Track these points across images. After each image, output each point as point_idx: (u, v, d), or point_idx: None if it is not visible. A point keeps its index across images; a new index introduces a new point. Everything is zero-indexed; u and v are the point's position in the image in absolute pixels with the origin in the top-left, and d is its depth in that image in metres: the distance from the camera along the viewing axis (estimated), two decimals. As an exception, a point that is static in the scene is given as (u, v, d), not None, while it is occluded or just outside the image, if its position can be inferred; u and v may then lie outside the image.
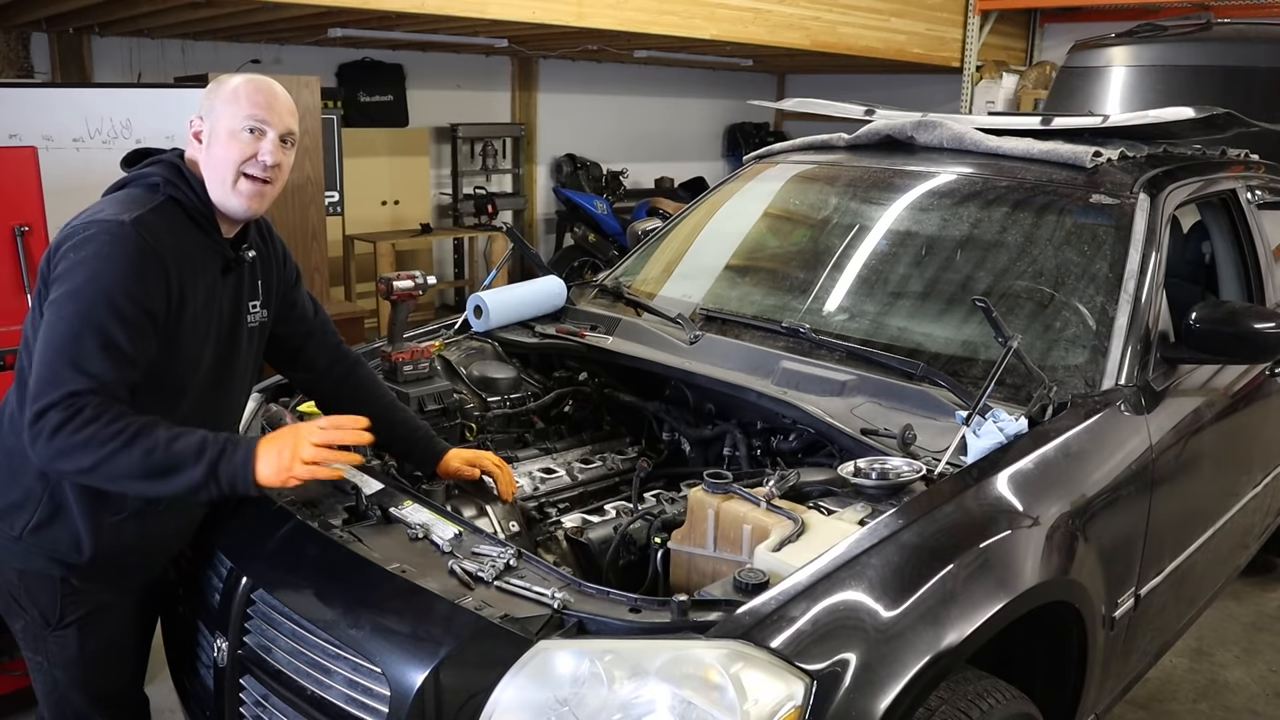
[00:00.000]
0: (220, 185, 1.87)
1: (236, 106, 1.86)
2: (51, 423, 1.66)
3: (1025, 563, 1.84)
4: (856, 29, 7.26)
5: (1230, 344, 2.39)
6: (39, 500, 1.87)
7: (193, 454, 1.70)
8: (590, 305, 3.06)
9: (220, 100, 1.87)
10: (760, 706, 1.42)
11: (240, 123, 1.85)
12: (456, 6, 5.12)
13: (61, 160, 3.75)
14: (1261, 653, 3.54)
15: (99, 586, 1.95)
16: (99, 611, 1.97)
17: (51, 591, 1.92)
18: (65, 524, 1.88)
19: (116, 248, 1.74)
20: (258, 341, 2.08)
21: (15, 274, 2.97)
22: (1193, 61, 4.68)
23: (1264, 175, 3.37)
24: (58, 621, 1.94)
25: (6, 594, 1.96)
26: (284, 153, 1.91)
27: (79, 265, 1.73)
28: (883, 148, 3.21)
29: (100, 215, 1.78)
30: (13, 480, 1.90)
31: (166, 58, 6.75)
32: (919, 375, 2.29)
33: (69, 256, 1.75)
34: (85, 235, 1.76)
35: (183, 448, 1.70)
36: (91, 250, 1.74)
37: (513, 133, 8.64)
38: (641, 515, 2.15)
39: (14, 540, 1.89)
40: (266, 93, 1.88)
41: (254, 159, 1.86)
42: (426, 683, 1.55)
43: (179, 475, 1.69)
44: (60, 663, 1.97)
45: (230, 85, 1.88)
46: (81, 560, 1.89)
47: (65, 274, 1.74)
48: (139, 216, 1.78)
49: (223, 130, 1.86)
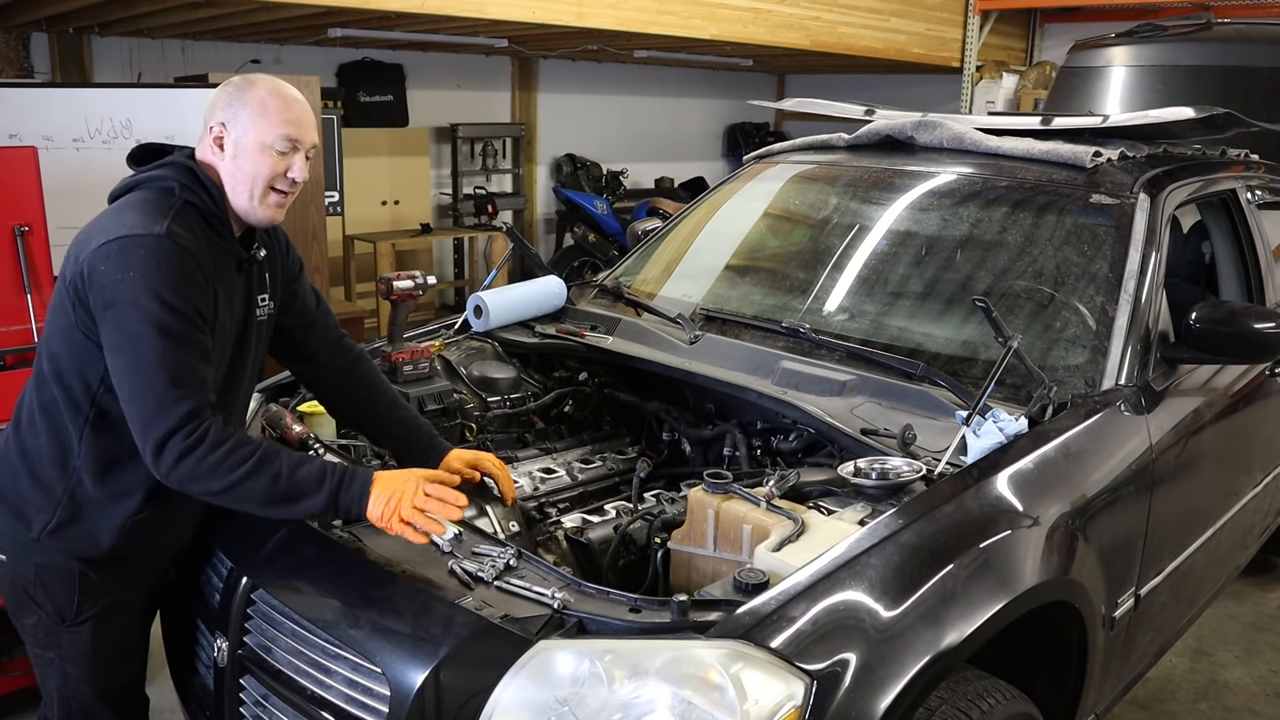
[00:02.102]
0: (247, 197, 1.88)
1: (267, 122, 1.85)
2: (176, 449, 1.71)
3: (1025, 563, 1.84)
4: (856, 29, 7.26)
5: (1230, 344, 2.39)
6: (59, 502, 1.88)
7: (314, 483, 1.78)
8: (590, 305, 3.06)
9: (248, 112, 1.86)
10: (760, 706, 1.42)
11: (272, 140, 1.85)
12: (456, 6, 5.12)
13: (61, 160, 3.75)
14: (1261, 653, 3.54)
15: (116, 582, 1.97)
16: (114, 607, 1.99)
17: (69, 587, 1.93)
18: (85, 524, 1.89)
19: (161, 260, 1.74)
20: (265, 334, 2.09)
21: (15, 274, 2.97)
22: (1193, 61, 4.68)
23: (1264, 175, 3.37)
24: (74, 617, 1.95)
25: (20, 589, 1.96)
26: (308, 167, 1.93)
27: (128, 284, 1.72)
28: (883, 148, 3.21)
29: (130, 230, 1.76)
30: (32, 482, 1.90)
31: (166, 58, 6.75)
32: (919, 375, 2.29)
33: (113, 278, 1.73)
34: (121, 251, 1.74)
35: (304, 476, 1.78)
36: (137, 266, 1.73)
37: (513, 133, 8.64)
38: (641, 515, 2.15)
39: (32, 541, 1.91)
40: (298, 109, 1.88)
41: (284, 175, 1.88)
42: (426, 683, 1.55)
43: (301, 502, 1.78)
44: (73, 658, 1.98)
45: (257, 96, 1.86)
46: (100, 555, 1.91)
47: (117, 296, 1.73)
48: (169, 227, 1.77)
49: (252, 145, 1.85)
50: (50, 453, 1.89)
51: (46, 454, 1.89)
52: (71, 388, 1.85)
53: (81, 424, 1.85)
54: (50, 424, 1.89)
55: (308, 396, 2.48)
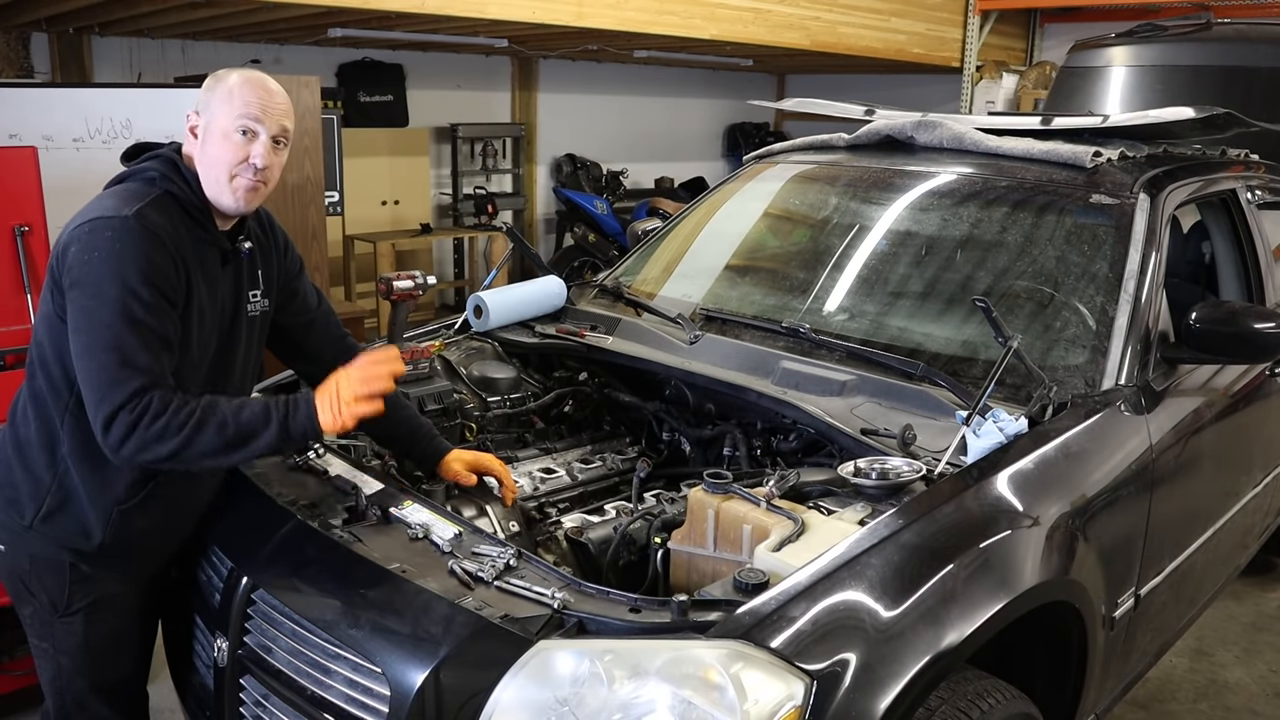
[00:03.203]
0: (214, 183, 1.89)
1: (230, 106, 1.86)
2: (124, 424, 1.72)
3: (1025, 563, 1.84)
4: (856, 29, 7.26)
5: (1230, 344, 2.39)
6: (48, 489, 1.91)
7: (261, 420, 1.79)
8: (590, 305, 3.06)
9: (216, 98, 1.88)
10: (760, 706, 1.42)
11: (234, 123, 1.86)
12: (456, 6, 5.12)
13: (61, 160, 3.74)
14: (1261, 653, 3.54)
15: (107, 574, 1.98)
16: (105, 600, 2.00)
17: (61, 577, 1.95)
18: (74, 512, 1.91)
19: (127, 241, 1.76)
20: (259, 331, 2.09)
21: (15, 274, 2.96)
22: (1193, 61, 4.68)
23: (1264, 175, 3.37)
24: (65, 608, 1.97)
25: (18, 580, 1.99)
26: (276, 154, 1.91)
27: (93, 265, 1.75)
28: (883, 148, 3.21)
29: (101, 212, 1.79)
30: (24, 471, 1.93)
31: (166, 58, 6.75)
32: (919, 375, 2.29)
33: (80, 258, 1.76)
34: (90, 233, 1.77)
35: (250, 417, 1.79)
36: (103, 247, 1.75)
37: (513, 133, 8.64)
38: (641, 515, 2.15)
39: (25, 529, 1.93)
40: (261, 93, 1.88)
41: (245, 162, 1.87)
42: (426, 683, 1.55)
43: (254, 441, 1.79)
44: (65, 649, 2.00)
45: (227, 83, 1.88)
46: (91, 547, 1.93)
47: (81, 275, 1.75)
48: (140, 210, 1.79)
49: (217, 129, 1.87)
50: (40, 440, 1.91)
51: (37, 441, 1.91)
52: (53, 374, 1.87)
53: (63, 410, 1.87)
54: (39, 412, 1.91)
55: (308, 396, 2.48)
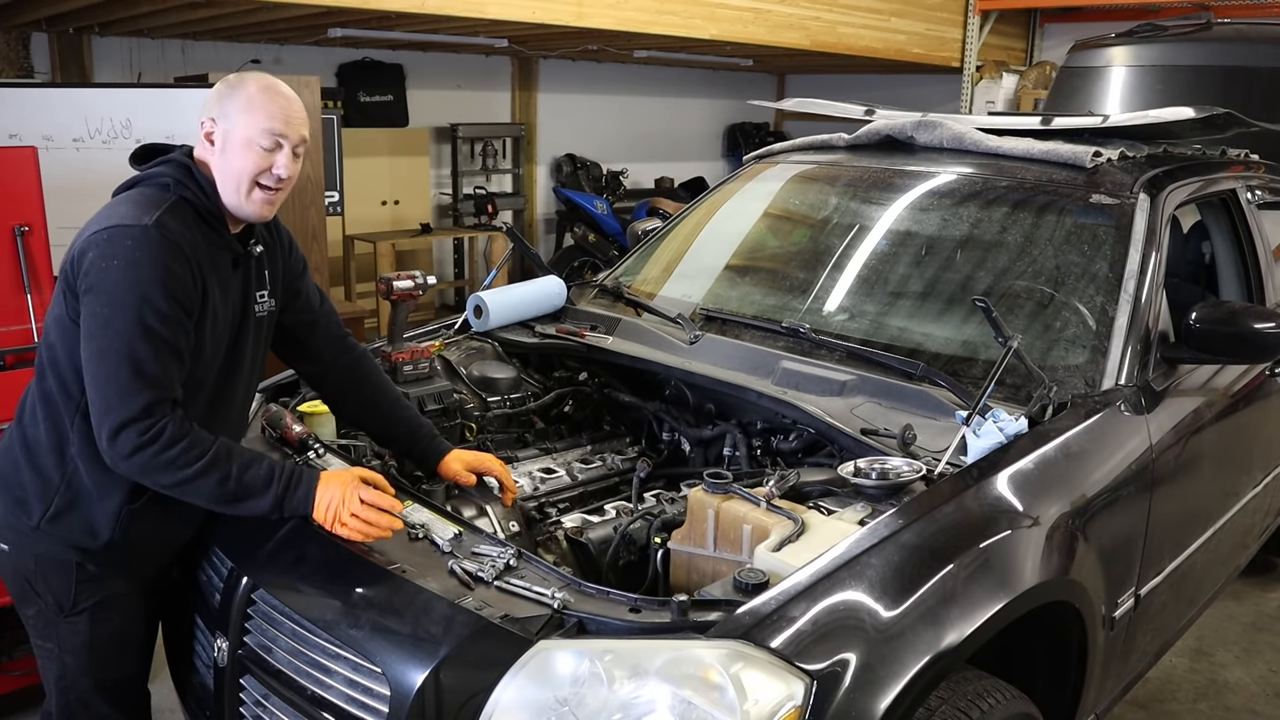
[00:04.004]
0: (234, 192, 1.89)
1: (253, 117, 1.86)
2: (132, 441, 1.74)
3: (1025, 563, 1.84)
4: (856, 29, 7.25)
5: (1230, 344, 2.39)
6: (57, 489, 1.91)
7: (261, 486, 1.83)
8: (590, 305, 3.06)
9: (236, 107, 1.87)
10: (760, 706, 1.42)
11: (257, 135, 1.86)
12: (456, 6, 5.12)
13: (61, 160, 3.75)
14: (1261, 653, 3.54)
15: (112, 574, 1.99)
16: (110, 600, 2.00)
17: (66, 577, 1.95)
18: (81, 513, 1.91)
19: (147, 250, 1.76)
20: (265, 331, 2.10)
21: (15, 274, 2.96)
22: (1193, 61, 4.67)
23: (1264, 175, 3.37)
24: (71, 608, 1.97)
25: (22, 580, 1.99)
26: (297, 163, 1.93)
27: (111, 272, 1.75)
28: (883, 148, 3.21)
29: (120, 220, 1.79)
30: (32, 471, 1.93)
31: (166, 58, 6.75)
32: (919, 375, 2.29)
33: (97, 264, 1.76)
34: (109, 240, 1.77)
35: (252, 479, 1.83)
36: (122, 255, 1.75)
37: (513, 133, 8.64)
38: (641, 515, 2.15)
39: (32, 529, 1.93)
40: (283, 103, 1.89)
41: (269, 171, 1.88)
42: (426, 683, 1.55)
43: (248, 503, 1.84)
44: (70, 649, 2.00)
45: (246, 92, 1.88)
46: (97, 546, 1.93)
47: (98, 283, 1.76)
48: (159, 218, 1.80)
49: (238, 139, 1.87)
50: (49, 441, 1.91)
51: (46, 442, 1.91)
52: (64, 376, 1.87)
53: (74, 411, 1.87)
54: (49, 413, 1.91)
55: (308, 396, 2.48)
